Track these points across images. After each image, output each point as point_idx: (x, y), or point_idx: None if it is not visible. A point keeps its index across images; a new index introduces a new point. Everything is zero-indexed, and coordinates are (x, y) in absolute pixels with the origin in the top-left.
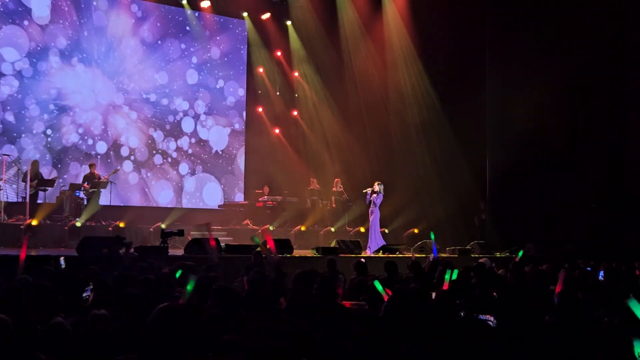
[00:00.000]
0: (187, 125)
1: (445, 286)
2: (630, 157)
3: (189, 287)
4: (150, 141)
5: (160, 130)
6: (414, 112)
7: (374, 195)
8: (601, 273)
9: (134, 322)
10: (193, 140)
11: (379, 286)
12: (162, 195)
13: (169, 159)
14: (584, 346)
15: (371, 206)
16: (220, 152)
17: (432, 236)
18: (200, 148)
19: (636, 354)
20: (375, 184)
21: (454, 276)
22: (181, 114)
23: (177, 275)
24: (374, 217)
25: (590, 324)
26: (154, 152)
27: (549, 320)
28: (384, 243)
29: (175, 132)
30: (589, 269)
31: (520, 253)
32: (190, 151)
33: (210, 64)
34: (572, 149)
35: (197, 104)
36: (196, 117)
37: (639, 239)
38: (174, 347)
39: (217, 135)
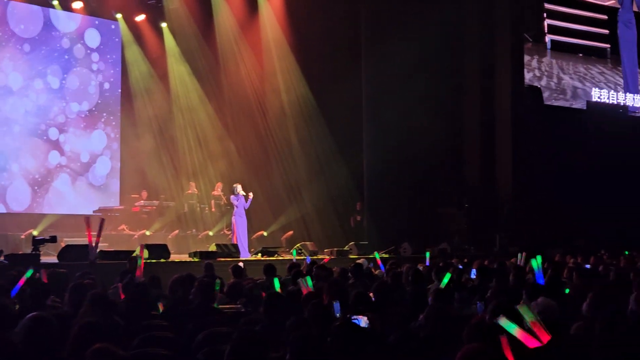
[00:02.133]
0: (60, 129)
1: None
2: (500, 159)
3: None
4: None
5: (34, 134)
6: (291, 114)
7: (232, 196)
8: (473, 271)
9: (4, 332)
10: (67, 145)
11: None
12: (35, 201)
13: (42, 164)
14: (455, 341)
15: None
16: (95, 156)
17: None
18: (73, 153)
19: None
20: (234, 185)
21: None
22: (54, 118)
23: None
24: (235, 219)
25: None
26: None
27: (423, 319)
28: (245, 248)
29: (46, 135)
30: (461, 267)
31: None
32: (63, 156)
33: (83, 65)
34: (443, 149)
35: (70, 106)
36: (69, 121)
37: (512, 239)
38: (45, 357)
39: (91, 139)
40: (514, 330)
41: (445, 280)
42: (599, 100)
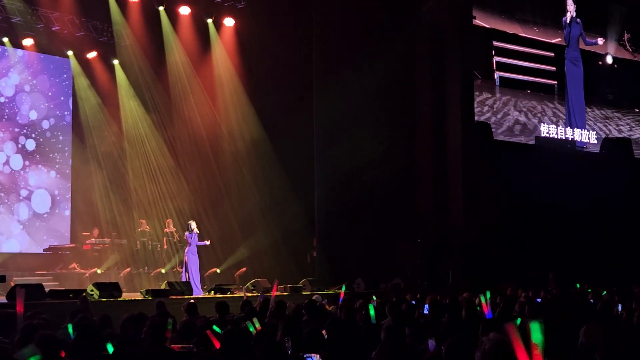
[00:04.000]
0: (8, 164)
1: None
2: (452, 193)
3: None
4: None
5: None
6: (244, 150)
7: (187, 233)
8: (426, 307)
9: None
10: (18, 181)
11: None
12: None
13: None
14: None
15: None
16: (45, 193)
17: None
18: (22, 189)
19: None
20: (189, 222)
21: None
22: (4, 155)
23: None
24: (188, 256)
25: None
26: None
27: (375, 355)
28: (198, 286)
29: None
30: (414, 302)
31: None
32: (12, 192)
33: (33, 102)
34: (396, 184)
35: (19, 142)
36: (17, 157)
37: (465, 273)
38: None
39: (41, 175)
40: (520, 342)
41: (371, 312)
42: (547, 135)
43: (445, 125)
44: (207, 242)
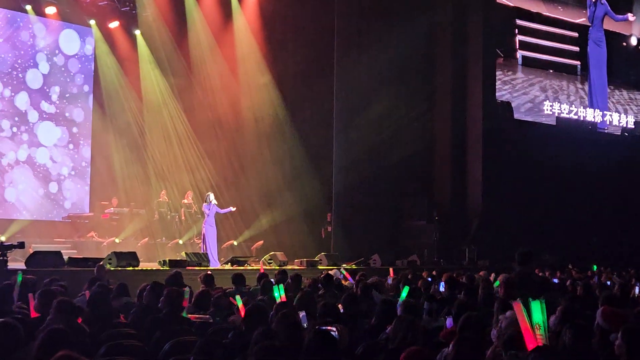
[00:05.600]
0: (30, 133)
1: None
2: (470, 172)
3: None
4: None
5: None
6: (264, 124)
7: (205, 205)
8: (442, 284)
9: None
10: (37, 151)
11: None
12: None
13: (11, 168)
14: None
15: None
16: (66, 162)
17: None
18: (43, 158)
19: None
20: (208, 194)
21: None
22: (24, 121)
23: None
24: (206, 228)
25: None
26: None
27: (390, 331)
28: (215, 257)
29: (18, 139)
30: (430, 279)
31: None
32: (33, 160)
33: (55, 71)
34: (414, 162)
35: (41, 110)
36: (38, 125)
37: (482, 252)
38: None
39: (62, 144)
40: (525, 319)
41: (404, 293)
42: (568, 116)
43: (466, 103)
44: (233, 209)
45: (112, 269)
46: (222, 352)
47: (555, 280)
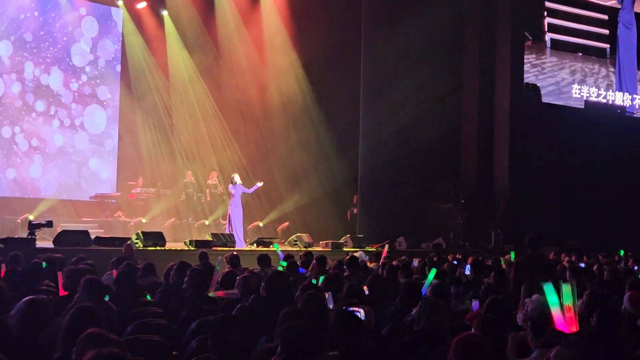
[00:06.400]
0: (57, 114)
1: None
2: (497, 155)
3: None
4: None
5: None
6: (290, 104)
7: (230, 185)
8: (467, 267)
9: None
10: (65, 131)
11: None
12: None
13: (40, 149)
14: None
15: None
16: (93, 142)
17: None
18: (70, 138)
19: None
20: (233, 175)
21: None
22: (53, 101)
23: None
24: (232, 209)
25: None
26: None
27: (416, 313)
28: (241, 238)
29: (47, 119)
30: (455, 262)
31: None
32: (62, 140)
33: (83, 52)
34: (440, 144)
35: (69, 90)
36: (66, 107)
37: (508, 236)
38: (39, 340)
39: (89, 125)
40: (555, 306)
41: (431, 276)
42: (597, 99)
43: (493, 85)
44: (260, 184)
45: (139, 248)
46: (242, 317)
47: (582, 265)
